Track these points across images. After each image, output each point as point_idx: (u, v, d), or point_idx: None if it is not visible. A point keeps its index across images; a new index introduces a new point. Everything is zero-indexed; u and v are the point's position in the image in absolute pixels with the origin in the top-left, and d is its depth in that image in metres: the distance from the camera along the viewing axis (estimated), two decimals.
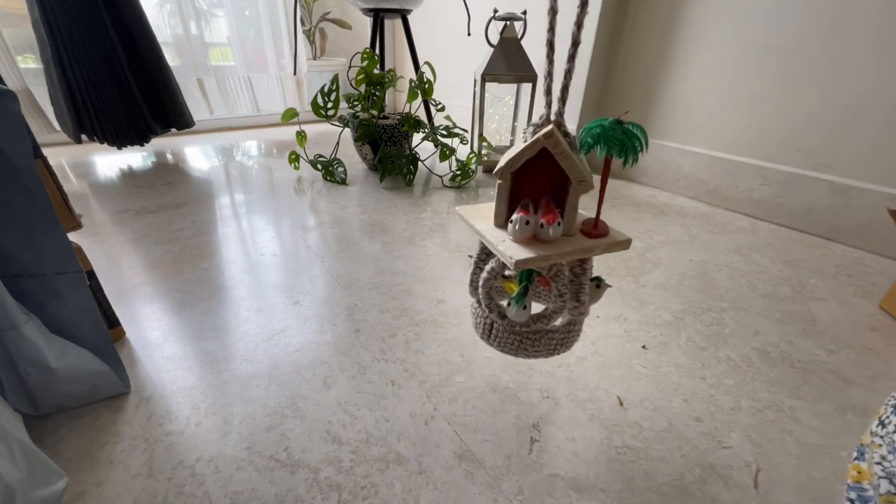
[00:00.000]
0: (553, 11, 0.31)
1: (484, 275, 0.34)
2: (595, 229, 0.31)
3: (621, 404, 0.53)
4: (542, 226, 0.30)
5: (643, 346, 0.63)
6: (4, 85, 0.40)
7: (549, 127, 0.29)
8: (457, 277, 0.79)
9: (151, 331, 0.65)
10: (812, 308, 0.73)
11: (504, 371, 0.57)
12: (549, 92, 0.31)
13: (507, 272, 0.33)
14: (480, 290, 0.34)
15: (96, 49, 1.33)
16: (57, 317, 0.48)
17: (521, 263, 0.28)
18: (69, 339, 0.49)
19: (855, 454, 0.42)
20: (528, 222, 0.30)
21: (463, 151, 1.60)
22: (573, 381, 0.56)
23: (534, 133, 0.30)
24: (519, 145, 0.31)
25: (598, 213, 0.32)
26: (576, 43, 0.29)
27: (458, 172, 1.29)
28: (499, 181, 0.32)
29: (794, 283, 0.81)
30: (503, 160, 0.32)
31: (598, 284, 0.36)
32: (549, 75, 0.31)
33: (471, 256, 0.35)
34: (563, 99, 0.30)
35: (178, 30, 1.75)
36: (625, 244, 0.33)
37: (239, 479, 0.44)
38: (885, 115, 0.87)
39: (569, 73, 0.29)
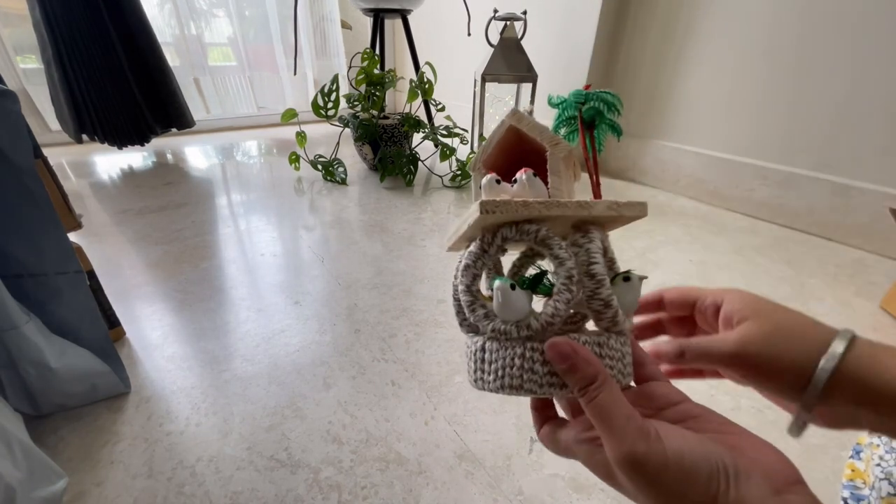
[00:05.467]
0: None
1: (472, 248, 0.24)
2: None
3: None
4: (513, 182, 0.25)
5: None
6: (5, 85, 0.40)
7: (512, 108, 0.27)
8: None
9: (151, 331, 0.65)
10: (812, 308, 0.73)
11: None
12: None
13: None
14: (460, 277, 0.24)
15: (97, 49, 1.33)
16: (57, 317, 0.48)
17: (488, 204, 0.21)
18: (69, 339, 0.49)
19: (851, 453, 0.42)
20: (498, 181, 0.26)
21: (463, 151, 1.59)
22: None
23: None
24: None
25: (595, 182, 0.28)
26: None
27: (459, 172, 1.29)
28: (473, 173, 0.30)
29: (795, 283, 0.81)
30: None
31: (627, 277, 0.26)
32: None
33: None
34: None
35: (176, 30, 1.75)
36: (638, 207, 0.25)
37: (239, 479, 0.44)
38: (886, 114, 0.86)
39: None
